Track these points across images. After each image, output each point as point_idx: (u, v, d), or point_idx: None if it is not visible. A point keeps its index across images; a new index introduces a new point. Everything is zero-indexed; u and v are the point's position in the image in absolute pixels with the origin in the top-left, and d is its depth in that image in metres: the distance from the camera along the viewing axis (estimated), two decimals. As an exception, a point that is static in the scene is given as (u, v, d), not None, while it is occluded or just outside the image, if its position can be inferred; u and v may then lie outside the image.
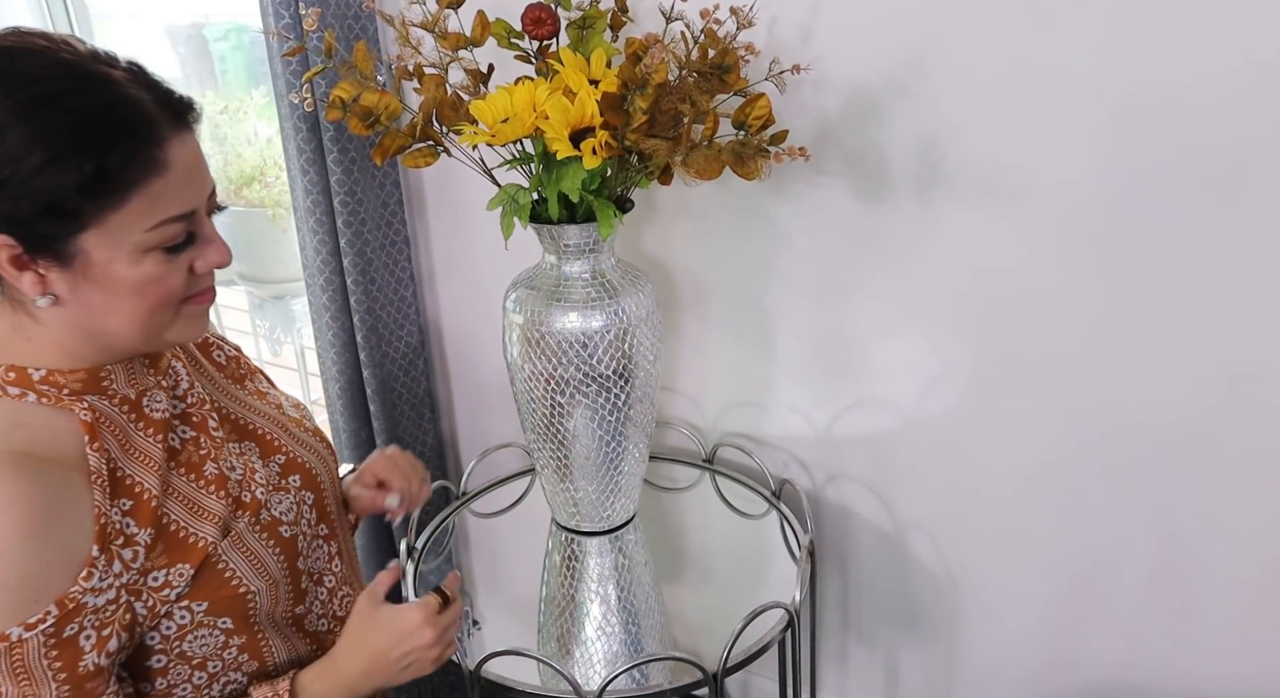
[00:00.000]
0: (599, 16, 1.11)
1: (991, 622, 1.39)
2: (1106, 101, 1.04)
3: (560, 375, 1.14)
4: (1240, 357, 1.08)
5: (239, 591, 0.82)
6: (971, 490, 1.32)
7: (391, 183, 1.57)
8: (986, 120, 1.11)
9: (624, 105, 1.00)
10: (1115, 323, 1.13)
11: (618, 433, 1.19)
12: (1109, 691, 1.33)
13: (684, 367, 1.50)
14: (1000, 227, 1.15)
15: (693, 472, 1.51)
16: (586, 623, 1.21)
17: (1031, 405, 1.22)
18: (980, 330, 1.22)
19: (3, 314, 0.76)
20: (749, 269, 1.36)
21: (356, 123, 1.07)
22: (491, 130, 1.03)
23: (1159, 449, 1.16)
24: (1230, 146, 1.00)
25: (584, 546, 1.29)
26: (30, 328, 0.75)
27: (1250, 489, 1.13)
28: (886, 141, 1.18)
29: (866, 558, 1.46)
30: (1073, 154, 1.08)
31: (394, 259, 1.61)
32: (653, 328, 1.17)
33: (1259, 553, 1.15)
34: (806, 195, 1.26)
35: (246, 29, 1.70)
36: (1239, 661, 1.22)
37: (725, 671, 1.04)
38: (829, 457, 1.42)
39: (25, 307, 0.74)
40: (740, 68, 1.03)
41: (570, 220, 1.11)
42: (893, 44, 1.13)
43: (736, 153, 1.01)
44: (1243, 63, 0.97)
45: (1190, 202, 1.04)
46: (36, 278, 0.71)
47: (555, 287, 1.14)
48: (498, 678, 1.07)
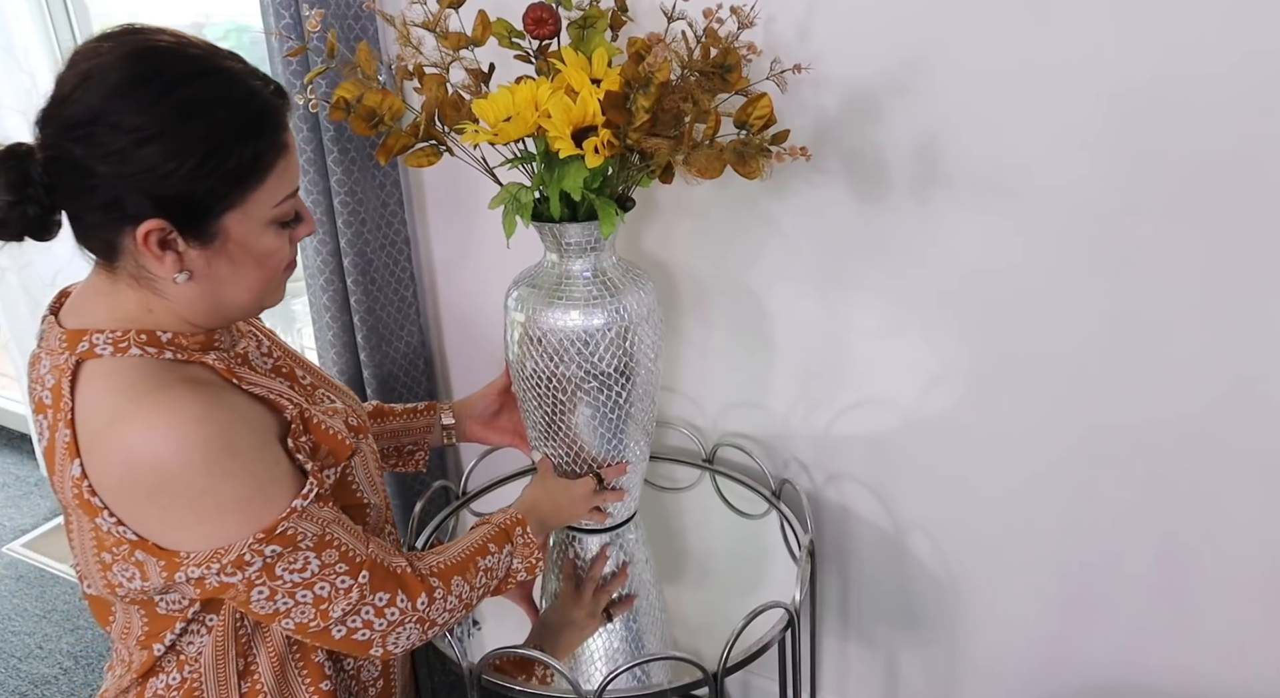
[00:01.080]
0: (600, 16, 1.11)
1: (991, 621, 1.39)
2: (1105, 100, 1.04)
3: (562, 373, 1.14)
4: (1239, 355, 1.08)
5: (362, 501, 0.96)
6: (972, 490, 1.32)
7: (392, 183, 1.57)
8: (985, 119, 1.11)
9: (626, 104, 1.00)
10: (1114, 321, 1.13)
11: (619, 431, 1.19)
12: (1109, 690, 1.33)
13: (684, 367, 1.50)
14: (999, 226, 1.15)
15: (693, 472, 1.51)
16: (587, 622, 1.20)
17: (1030, 405, 1.23)
18: (979, 330, 1.22)
19: (121, 293, 0.84)
20: (749, 268, 1.36)
21: (360, 123, 1.08)
22: (494, 129, 1.03)
23: (1158, 448, 1.17)
24: (1229, 145, 1.00)
25: (585, 544, 1.29)
26: (153, 302, 0.84)
27: (1250, 487, 1.13)
28: (884, 141, 1.18)
29: (866, 558, 1.46)
30: (1071, 153, 1.08)
31: (394, 259, 1.61)
32: (654, 326, 1.17)
33: (1259, 552, 1.15)
34: (805, 194, 1.26)
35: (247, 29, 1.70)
36: (1239, 660, 1.22)
37: (725, 670, 1.04)
38: (829, 457, 1.42)
39: (152, 284, 0.83)
40: (742, 67, 1.04)
41: (572, 219, 1.11)
42: (890, 43, 1.13)
43: (739, 152, 1.01)
44: (1240, 61, 0.97)
45: (1189, 200, 1.04)
46: (176, 257, 0.81)
47: (557, 285, 1.14)
48: (497, 678, 1.07)
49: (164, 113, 0.77)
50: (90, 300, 0.86)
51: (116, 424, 0.78)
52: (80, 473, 0.80)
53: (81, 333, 0.83)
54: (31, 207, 0.79)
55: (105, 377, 0.81)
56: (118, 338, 0.82)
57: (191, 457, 0.78)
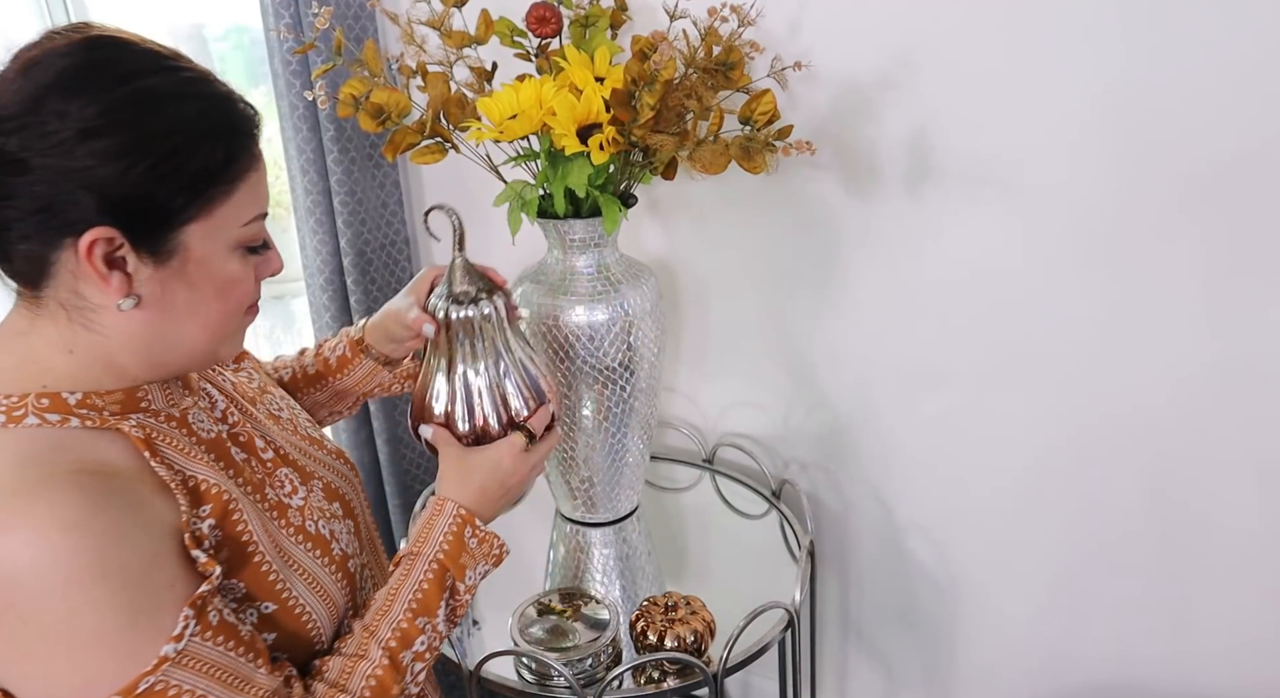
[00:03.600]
0: (602, 15, 1.12)
1: (991, 621, 1.39)
2: (1097, 94, 1.05)
3: (566, 368, 1.15)
4: (1238, 353, 1.08)
5: (306, 626, 0.78)
6: (971, 490, 1.32)
7: (392, 183, 1.57)
8: (978, 114, 1.12)
9: (631, 101, 1.01)
10: (1112, 319, 1.14)
11: (623, 424, 1.20)
12: (1108, 689, 1.33)
13: (684, 367, 1.50)
14: (998, 223, 1.16)
15: (693, 472, 1.51)
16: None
17: (1030, 404, 1.23)
18: (978, 329, 1.23)
19: (38, 333, 0.70)
20: (748, 267, 1.36)
21: (367, 120, 1.08)
22: (499, 127, 1.04)
23: (1157, 447, 1.17)
24: (1225, 141, 1.01)
25: (589, 537, 1.29)
26: (80, 338, 0.70)
27: (1248, 487, 1.13)
28: (877, 136, 1.19)
29: (866, 558, 1.46)
30: (1064, 149, 1.09)
31: (394, 259, 1.61)
32: (656, 321, 1.18)
33: (1258, 551, 1.15)
34: (803, 191, 1.27)
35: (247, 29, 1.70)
36: (1239, 659, 1.22)
37: (725, 671, 1.04)
38: (829, 457, 1.43)
39: (85, 314, 0.69)
40: (745, 64, 1.04)
41: (575, 215, 1.12)
42: (881, 37, 1.14)
43: (744, 147, 1.02)
44: (1237, 57, 0.98)
45: (1185, 195, 1.05)
46: (124, 278, 0.68)
47: (561, 280, 1.15)
48: (498, 678, 1.07)
49: (120, 101, 0.65)
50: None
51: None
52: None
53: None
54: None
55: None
56: (13, 405, 0.67)
57: (49, 574, 0.61)
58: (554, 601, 1.10)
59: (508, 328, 0.93)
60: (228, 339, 0.77)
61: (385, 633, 0.79)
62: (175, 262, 0.69)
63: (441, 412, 0.93)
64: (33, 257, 0.67)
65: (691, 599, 1.10)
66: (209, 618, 0.68)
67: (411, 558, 0.84)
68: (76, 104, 0.64)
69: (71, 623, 0.62)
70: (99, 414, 0.70)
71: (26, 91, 0.64)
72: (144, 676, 0.64)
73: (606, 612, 1.07)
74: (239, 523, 0.73)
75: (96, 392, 0.70)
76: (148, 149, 0.65)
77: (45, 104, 0.63)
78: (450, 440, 0.93)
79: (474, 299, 0.91)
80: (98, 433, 0.69)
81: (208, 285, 0.71)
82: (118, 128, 0.64)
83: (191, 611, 0.66)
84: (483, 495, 0.90)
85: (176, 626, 0.65)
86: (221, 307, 0.73)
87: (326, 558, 0.81)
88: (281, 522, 0.79)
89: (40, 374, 0.69)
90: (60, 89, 0.64)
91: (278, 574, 0.75)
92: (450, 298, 0.91)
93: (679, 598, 1.10)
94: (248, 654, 0.70)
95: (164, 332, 0.71)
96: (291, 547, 0.78)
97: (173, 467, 0.71)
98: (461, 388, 0.92)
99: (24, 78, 0.64)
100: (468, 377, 0.92)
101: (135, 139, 0.65)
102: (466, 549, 0.86)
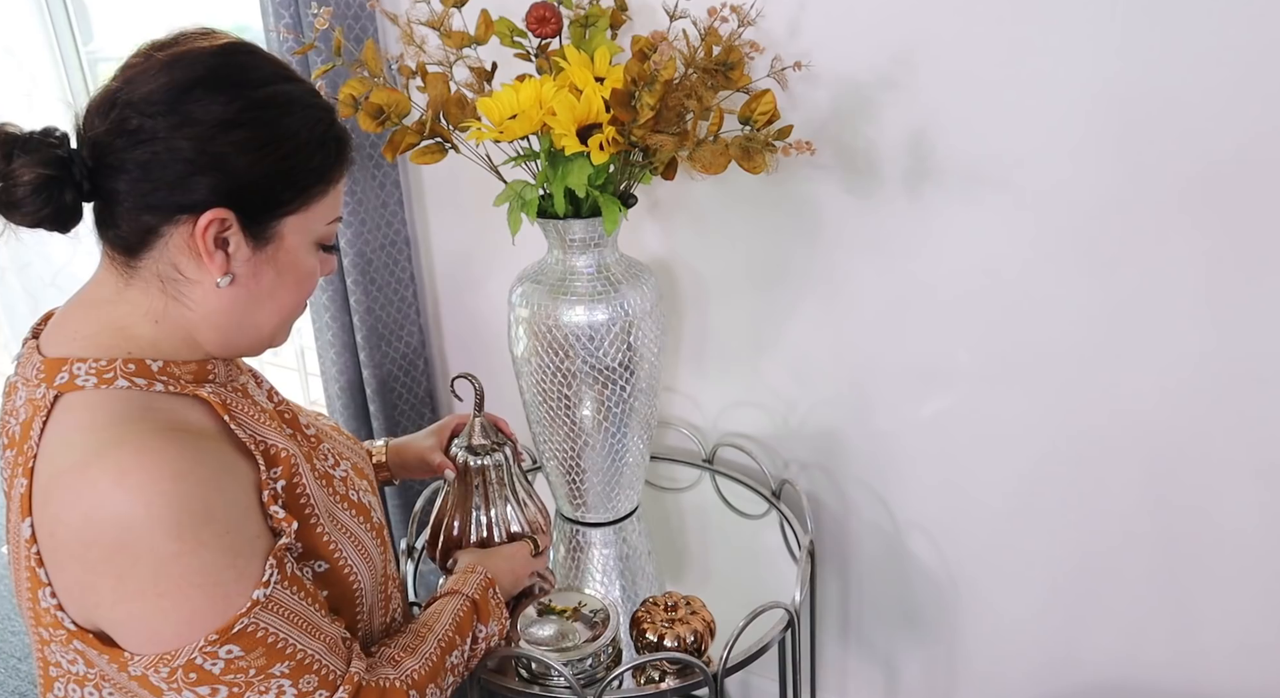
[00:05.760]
0: (601, 15, 1.12)
1: (991, 621, 1.39)
2: (1097, 94, 1.05)
3: (567, 368, 1.15)
4: (1237, 353, 1.08)
5: (352, 587, 0.85)
6: (970, 490, 1.32)
7: (392, 182, 1.57)
8: (978, 114, 1.12)
9: (631, 101, 1.01)
10: (1112, 319, 1.14)
11: (623, 424, 1.20)
12: (1109, 690, 1.33)
13: (684, 367, 1.50)
14: (998, 224, 1.16)
15: (693, 472, 1.51)
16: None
17: (1029, 404, 1.23)
18: (979, 329, 1.23)
19: (127, 301, 0.76)
20: (748, 267, 1.36)
21: (367, 120, 1.08)
22: (499, 127, 1.04)
23: (1157, 447, 1.17)
24: (1225, 141, 1.01)
25: (589, 537, 1.30)
26: (169, 309, 0.76)
27: (1248, 487, 1.13)
28: (877, 136, 1.19)
29: (866, 559, 1.46)
30: (1066, 148, 1.09)
31: (394, 259, 1.61)
32: (656, 321, 1.18)
33: (1258, 551, 1.15)
34: (803, 191, 1.27)
35: (247, 29, 1.70)
36: (1239, 659, 1.22)
37: (725, 671, 1.04)
38: (829, 457, 1.43)
39: (178, 287, 0.75)
40: (744, 64, 1.04)
41: (575, 215, 1.12)
42: (881, 37, 1.14)
43: (744, 147, 1.02)
44: (1237, 58, 0.98)
45: (1185, 196, 1.05)
46: (225, 258, 0.74)
47: (561, 280, 1.15)
48: (498, 678, 1.07)
49: (259, 101, 0.74)
50: (79, 317, 0.77)
51: (84, 469, 0.68)
52: (30, 534, 0.70)
53: (61, 362, 0.73)
54: (69, 190, 0.71)
55: (82, 411, 0.72)
56: (102, 368, 0.73)
57: (163, 516, 0.67)
58: (554, 601, 1.10)
59: (515, 473, 1.11)
60: (286, 327, 0.84)
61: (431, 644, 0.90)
62: (270, 248, 0.77)
63: (458, 537, 1.10)
64: (144, 227, 0.73)
65: (691, 599, 1.10)
66: (287, 569, 0.75)
67: (447, 596, 0.96)
68: (221, 99, 0.72)
69: (181, 562, 0.68)
70: (178, 382, 0.76)
71: (173, 82, 0.71)
72: (239, 616, 0.70)
73: (607, 612, 1.07)
74: (299, 485, 0.80)
75: (175, 361, 0.77)
76: (277, 145, 0.74)
77: (191, 94, 0.71)
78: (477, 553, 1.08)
79: (489, 451, 1.09)
80: (179, 398, 0.76)
81: (290, 273, 0.79)
82: (255, 124, 0.73)
83: (274, 560, 0.73)
84: (499, 570, 1.03)
85: (264, 573, 0.72)
86: (296, 295, 0.81)
87: (368, 524, 0.89)
88: (329, 489, 0.86)
89: (125, 342, 0.75)
90: (206, 84, 0.72)
91: (330, 535, 0.82)
92: (469, 449, 1.09)
93: (679, 598, 1.10)
94: (315, 604, 0.77)
95: (245, 311, 0.78)
96: (339, 512, 0.86)
97: (247, 430, 0.78)
98: (474, 520, 1.09)
99: (169, 71, 0.72)
100: (479, 511, 1.09)
101: (269, 135, 0.74)
102: (489, 602, 0.97)
